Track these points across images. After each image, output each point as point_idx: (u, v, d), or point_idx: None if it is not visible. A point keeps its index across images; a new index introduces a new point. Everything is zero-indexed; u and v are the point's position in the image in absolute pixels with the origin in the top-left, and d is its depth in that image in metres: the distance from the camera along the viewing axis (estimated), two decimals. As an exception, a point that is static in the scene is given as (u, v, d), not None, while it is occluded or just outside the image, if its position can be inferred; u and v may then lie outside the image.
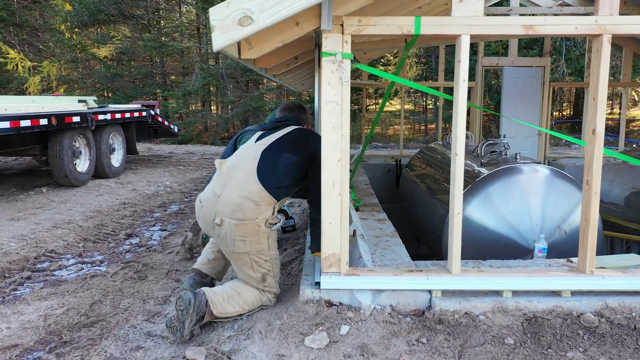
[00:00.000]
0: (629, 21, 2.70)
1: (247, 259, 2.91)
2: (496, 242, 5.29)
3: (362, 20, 2.73)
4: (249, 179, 2.91)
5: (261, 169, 2.93)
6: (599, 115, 2.79)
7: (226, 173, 3.03)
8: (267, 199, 2.90)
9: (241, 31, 2.30)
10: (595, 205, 2.86)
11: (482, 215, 5.43)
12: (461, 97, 2.80)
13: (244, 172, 2.96)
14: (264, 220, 2.90)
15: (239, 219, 2.86)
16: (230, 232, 2.87)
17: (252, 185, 2.88)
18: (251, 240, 2.89)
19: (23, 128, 5.61)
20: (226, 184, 2.96)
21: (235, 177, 2.96)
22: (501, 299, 2.87)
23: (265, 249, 2.95)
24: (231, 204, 2.88)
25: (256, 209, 2.85)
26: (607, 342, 2.66)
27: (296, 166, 3.01)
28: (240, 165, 3.02)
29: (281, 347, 2.61)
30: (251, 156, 3.04)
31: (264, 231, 2.92)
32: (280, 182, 2.96)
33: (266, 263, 2.97)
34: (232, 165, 3.06)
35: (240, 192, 2.89)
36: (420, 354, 2.57)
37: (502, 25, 2.73)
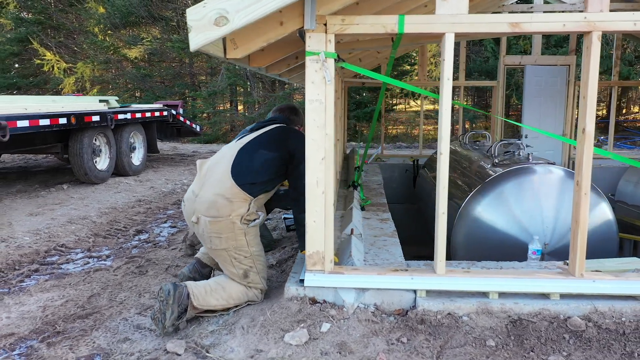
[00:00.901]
0: (619, 17, 2.63)
1: (225, 255, 2.96)
2: (506, 244, 5.22)
3: (345, 19, 2.74)
4: (223, 177, 2.98)
5: (236, 167, 3.00)
6: (588, 114, 2.72)
7: (205, 173, 3.13)
8: (241, 195, 2.95)
9: (217, 31, 2.34)
10: (585, 206, 2.79)
11: (491, 215, 5.37)
12: (445, 95, 2.77)
13: (220, 170, 3.03)
14: (239, 217, 2.94)
15: (213, 216, 2.92)
16: (206, 229, 2.95)
17: (225, 182, 2.94)
18: (227, 237, 2.94)
19: (42, 127, 5.82)
20: (204, 183, 3.04)
21: (212, 176, 3.04)
22: (486, 300, 2.83)
23: (243, 246, 2.99)
24: (206, 202, 2.96)
25: (229, 205, 2.90)
26: (593, 347, 2.60)
27: (272, 163, 3.05)
28: (218, 164, 3.10)
29: (260, 342, 2.65)
30: (228, 155, 3.12)
31: (240, 228, 2.97)
32: (255, 178, 3.01)
33: (246, 260, 3.01)
34: (210, 165, 3.15)
35: (214, 190, 2.96)
36: (398, 353, 2.57)
37: (487, 23, 2.69)
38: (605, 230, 5.36)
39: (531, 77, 9.16)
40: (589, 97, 2.71)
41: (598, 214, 5.34)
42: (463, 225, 5.53)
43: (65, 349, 2.72)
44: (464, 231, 5.51)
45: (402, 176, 9.52)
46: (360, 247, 3.70)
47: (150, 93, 19.36)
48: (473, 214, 5.44)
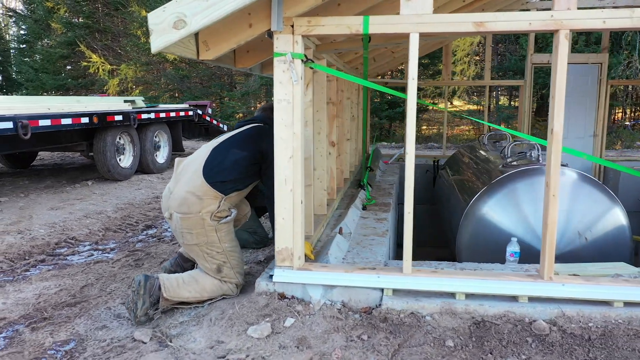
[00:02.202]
0: (588, 15, 2.57)
1: (198, 250, 3.07)
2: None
3: (311, 20, 2.79)
4: (195, 175, 3.09)
5: (207, 166, 3.10)
6: (556, 114, 2.67)
7: (180, 171, 3.27)
8: (211, 193, 3.05)
9: (176, 34, 2.45)
10: (553, 208, 2.74)
11: (497, 216, 5.31)
12: (410, 95, 2.78)
13: (193, 169, 3.15)
14: (209, 214, 3.04)
15: (184, 212, 3.04)
16: (178, 225, 3.07)
17: (196, 180, 3.05)
18: (197, 233, 3.05)
19: (64, 126, 6.14)
20: (178, 180, 3.17)
21: (185, 174, 3.17)
22: (451, 301, 2.82)
23: (215, 242, 3.09)
24: (178, 199, 3.08)
25: (199, 202, 3.01)
26: (555, 352, 2.55)
27: (243, 162, 3.13)
28: (192, 163, 3.22)
29: (224, 334, 2.73)
30: (202, 154, 3.23)
31: (210, 224, 3.06)
32: (225, 177, 3.10)
33: (219, 255, 3.11)
34: (186, 163, 3.28)
35: (186, 188, 3.08)
36: (354, 350, 2.60)
37: (452, 22, 2.69)
38: (617, 235, 5.19)
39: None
40: (557, 97, 2.66)
41: (610, 219, 5.18)
42: (468, 225, 5.47)
43: (46, 334, 2.89)
44: (469, 232, 5.45)
45: (423, 177, 9.43)
46: (343, 246, 3.74)
47: (188, 93, 19.91)
48: (479, 214, 5.37)
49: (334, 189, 5.04)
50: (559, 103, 2.66)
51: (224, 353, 2.55)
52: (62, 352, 2.69)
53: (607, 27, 2.56)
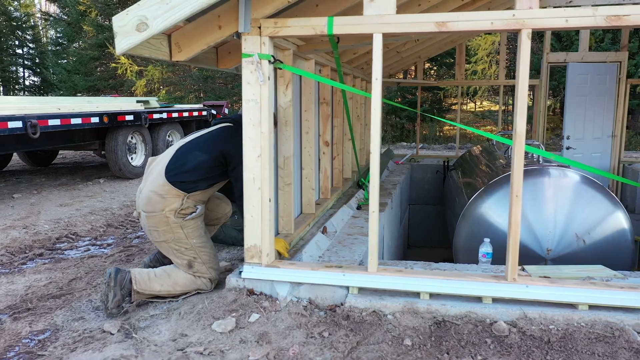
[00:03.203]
0: (550, 14, 2.54)
1: (167, 247, 3.16)
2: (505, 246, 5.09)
3: (278, 22, 2.85)
4: (158, 175, 3.18)
5: (170, 166, 3.18)
6: (519, 113, 2.65)
7: (150, 170, 3.36)
8: (173, 192, 3.13)
9: (138, 36, 2.53)
10: (516, 209, 2.71)
11: (493, 217, 5.26)
12: (375, 95, 2.80)
13: (158, 169, 3.23)
14: (172, 212, 3.12)
15: (149, 211, 3.14)
16: (145, 223, 3.18)
17: (159, 180, 3.14)
18: (163, 230, 3.14)
19: (74, 125, 6.36)
20: (146, 179, 3.28)
21: (152, 174, 3.26)
22: (413, 300, 2.83)
23: (182, 238, 3.17)
24: (144, 198, 3.18)
25: (162, 201, 3.10)
26: (512, 353, 2.53)
27: (205, 165, 3.18)
28: (159, 162, 3.30)
29: (189, 328, 2.81)
30: (168, 154, 3.31)
31: (175, 221, 3.14)
32: (185, 178, 3.16)
33: (188, 251, 3.19)
34: (155, 162, 3.37)
35: (150, 187, 3.17)
36: (312, 346, 2.64)
37: (414, 22, 2.70)
38: (618, 239, 5.08)
39: (574, 75, 8.67)
40: (520, 96, 2.64)
41: (611, 223, 5.09)
42: (465, 226, 5.44)
43: (26, 324, 3.03)
44: (466, 233, 5.42)
45: (434, 177, 9.37)
46: (323, 244, 3.78)
47: (212, 94, 20.25)
48: (475, 215, 5.34)
49: (328, 188, 5.07)
50: (521, 104, 2.63)
51: (184, 346, 2.63)
52: (36, 341, 2.81)
53: (569, 25, 2.53)
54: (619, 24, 2.47)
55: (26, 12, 28.29)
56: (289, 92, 3.59)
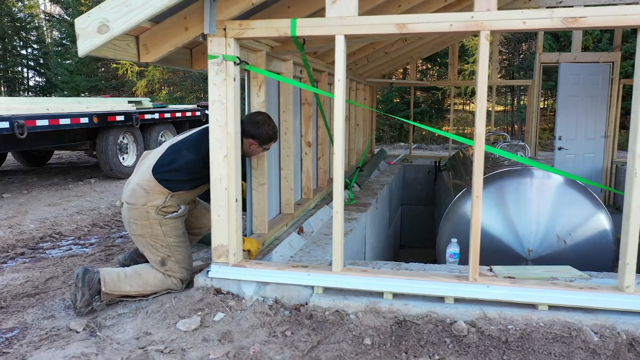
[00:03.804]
0: (507, 16, 2.56)
1: (143, 241, 3.20)
2: (491, 247, 5.12)
3: (242, 24, 2.87)
4: (147, 170, 3.22)
5: (159, 162, 3.23)
6: (478, 115, 2.67)
7: (141, 163, 3.40)
8: (158, 188, 3.17)
9: (100, 38, 2.57)
10: (477, 209, 2.73)
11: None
12: (337, 95, 2.82)
13: (148, 163, 3.29)
14: (154, 208, 3.16)
15: (132, 203, 3.19)
16: (126, 214, 3.23)
17: (146, 175, 3.19)
18: (142, 224, 3.17)
19: (63, 125, 6.42)
20: (136, 171, 3.32)
21: (142, 167, 3.32)
22: (376, 300, 2.85)
23: (159, 235, 3.20)
24: (129, 189, 3.24)
25: (145, 195, 3.14)
26: (470, 353, 2.54)
27: (191, 166, 3.21)
28: (151, 156, 3.36)
29: (154, 326, 2.84)
30: (160, 149, 3.37)
31: (155, 218, 3.18)
32: (171, 176, 3.20)
33: (163, 248, 3.22)
34: (148, 156, 3.40)
35: (137, 180, 3.22)
36: (273, 345, 2.66)
37: (375, 24, 2.72)
38: (599, 240, 5.08)
39: (566, 76, 8.66)
40: (479, 98, 2.65)
41: (593, 224, 5.10)
42: (448, 226, 5.45)
43: (-4, 322, 3.07)
44: (448, 233, 5.42)
45: (426, 177, 9.37)
46: (296, 244, 3.80)
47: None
48: (458, 216, 5.35)
49: (310, 188, 5.10)
50: (481, 105, 2.65)
51: (146, 344, 2.66)
52: (3, 339, 2.84)
53: (527, 27, 2.54)
54: (575, 25, 2.49)
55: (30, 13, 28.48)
56: (262, 93, 3.61)
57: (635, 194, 2.54)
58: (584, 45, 14.78)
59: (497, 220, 5.14)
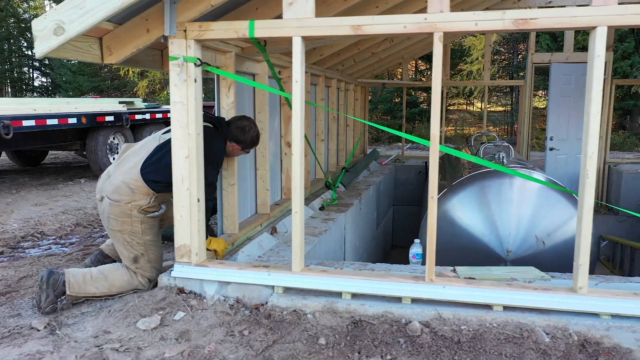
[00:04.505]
0: (460, 18, 2.57)
1: (120, 237, 3.21)
2: (471, 247, 5.15)
3: (202, 25, 2.90)
4: (133, 168, 3.21)
5: (146, 162, 3.22)
6: (433, 117, 2.68)
7: (124, 157, 3.39)
8: (144, 189, 3.18)
9: (56, 40, 2.60)
10: (432, 210, 2.74)
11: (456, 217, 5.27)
12: (295, 97, 2.84)
13: (135, 160, 3.26)
14: (137, 207, 3.18)
15: (115, 199, 3.18)
16: (106, 209, 3.22)
17: (133, 173, 3.18)
18: (123, 221, 3.19)
19: (50, 126, 6.48)
20: (119, 166, 3.30)
21: (127, 163, 3.29)
22: (334, 300, 2.86)
23: (138, 232, 3.22)
24: (113, 185, 3.22)
25: (131, 194, 3.15)
26: (422, 353, 2.55)
27: None
28: (136, 154, 3.33)
29: (114, 325, 2.87)
30: (148, 148, 3.33)
31: (136, 216, 3.20)
32: (159, 177, 3.20)
33: (139, 246, 3.24)
34: (132, 151, 3.39)
35: (123, 177, 3.21)
36: (229, 344, 2.68)
37: (331, 26, 2.74)
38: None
39: (557, 76, 8.63)
40: (434, 100, 2.66)
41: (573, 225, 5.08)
42: (429, 228, 5.44)
43: (-38, 320, 3.11)
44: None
45: (417, 178, 9.37)
46: (266, 244, 3.82)
47: (212, 94, 20.39)
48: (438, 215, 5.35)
49: (290, 189, 5.11)
50: (435, 106, 2.66)
51: (102, 342, 2.68)
52: (-34, 337, 2.88)
53: (479, 29, 2.55)
54: (526, 27, 2.49)
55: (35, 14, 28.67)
56: (231, 94, 3.64)
57: (587, 195, 2.54)
58: (582, 45, 14.73)
59: (477, 220, 5.14)
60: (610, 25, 2.42)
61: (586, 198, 2.55)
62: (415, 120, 17.70)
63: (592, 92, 2.52)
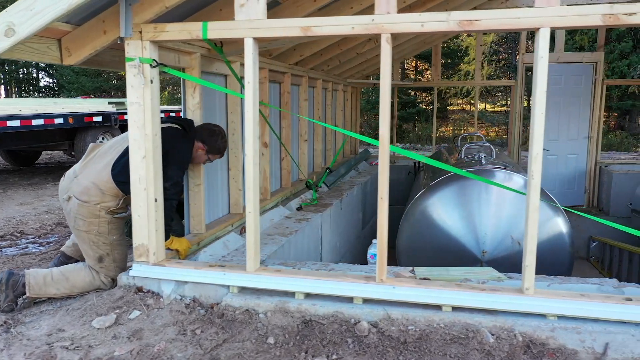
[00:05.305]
0: (406, 19, 2.57)
1: (86, 237, 3.24)
2: (448, 248, 5.15)
3: (157, 27, 2.92)
4: (104, 170, 3.23)
5: (117, 163, 3.23)
6: (382, 118, 2.68)
7: (92, 157, 3.40)
8: (114, 190, 3.21)
9: (7, 41, 2.62)
10: (383, 210, 2.75)
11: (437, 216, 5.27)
12: (247, 97, 2.86)
13: (104, 162, 3.28)
14: (106, 208, 3.21)
15: (84, 200, 3.21)
16: (74, 209, 3.24)
17: (103, 175, 3.21)
18: (90, 222, 3.22)
19: (36, 126, 6.53)
20: (87, 166, 3.32)
21: (97, 163, 3.30)
22: (286, 299, 2.88)
23: (104, 233, 3.25)
24: (82, 186, 3.24)
25: (100, 196, 3.18)
26: (368, 353, 2.57)
27: None
28: (105, 155, 3.35)
29: (69, 324, 2.90)
30: (117, 149, 3.34)
31: (104, 217, 3.23)
32: (128, 178, 3.22)
33: (104, 245, 3.27)
34: (101, 152, 3.41)
35: (92, 178, 3.23)
36: (179, 343, 2.71)
37: (282, 27, 2.75)
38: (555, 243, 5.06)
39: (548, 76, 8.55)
40: (383, 102, 2.67)
41: (549, 227, 5.09)
42: (407, 226, 5.45)
43: None
44: (408, 233, 5.44)
45: (408, 178, 9.36)
46: (232, 244, 3.85)
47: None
48: (415, 217, 5.37)
49: (267, 189, 5.13)
50: (384, 108, 2.67)
51: (54, 340, 2.71)
52: None
53: (425, 30, 2.55)
54: (471, 28, 2.49)
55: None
56: (196, 94, 3.67)
57: (533, 196, 2.54)
58: (579, 45, 14.66)
59: (455, 219, 5.14)
60: (552, 26, 2.43)
61: (532, 199, 2.55)
62: (415, 120, 17.67)
63: (536, 94, 2.52)
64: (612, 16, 2.34)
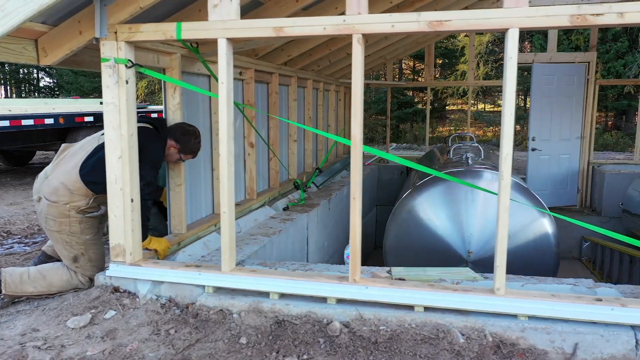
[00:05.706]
0: (377, 20, 2.57)
1: (58, 237, 3.25)
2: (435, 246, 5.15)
3: (132, 27, 2.93)
4: (72, 170, 3.24)
5: (85, 163, 3.24)
6: (354, 119, 2.69)
7: (62, 157, 3.41)
8: (82, 190, 3.22)
9: (-21, 43, 2.64)
10: (355, 211, 2.75)
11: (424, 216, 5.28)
12: (221, 97, 2.87)
13: (73, 162, 3.29)
14: (76, 207, 3.22)
15: (53, 200, 3.22)
16: (44, 210, 3.25)
17: (72, 175, 3.21)
18: (61, 222, 3.22)
19: (26, 126, 6.55)
20: (57, 167, 3.33)
21: (66, 164, 3.31)
22: (260, 299, 2.88)
23: (76, 232, 3.26)
24: (51, 186, 3.25)
25: (69, 195, 3.19)
26: (339, 353, 2.57)
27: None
28: (75, 155, 3.35)
29: (44, 323, 2.91)
30: (86, 148, 3.35)
31: (75, 216, 3.24)
32: (97, 178, 3.23)
33: (78, 245, 3.28)
34: (71, 152, 3.41)
35: (61, 178, 3.24)
36: (152, 343, 2.71)
37: (255, 27, 2.75)
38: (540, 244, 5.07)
39: (540, 77, 8.58)
40: (355, 103, 2.67)
41: (534, 228, 5.11)
42: (394, 226, 5.45)
43: None
44: (395, 233, 5.44)
45: (400, 178, 9.37)
46: (213, 244, 3.85)
47: (209, 94, 20.48)
48: (402, 216, 5.37)
49: (253, 189, 5.14)
50: (356, 108, 2.67)
51: (27, 340, 2.72)
52: None
53: (395, 30, 2.56)
54: (441, 29, 2.50)
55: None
56: (177, 95, 3.67)
57: (503, 196, 2.55)
58: (575, 45, 14.64)
59: (441, 219, 5.14)
60: (521, 27, 2.43)
61: (502, 199, 2.55)
62: (412, 120, 17.67)
63: (505, 94, 2.52)
64: (580, 17, 2.34)
